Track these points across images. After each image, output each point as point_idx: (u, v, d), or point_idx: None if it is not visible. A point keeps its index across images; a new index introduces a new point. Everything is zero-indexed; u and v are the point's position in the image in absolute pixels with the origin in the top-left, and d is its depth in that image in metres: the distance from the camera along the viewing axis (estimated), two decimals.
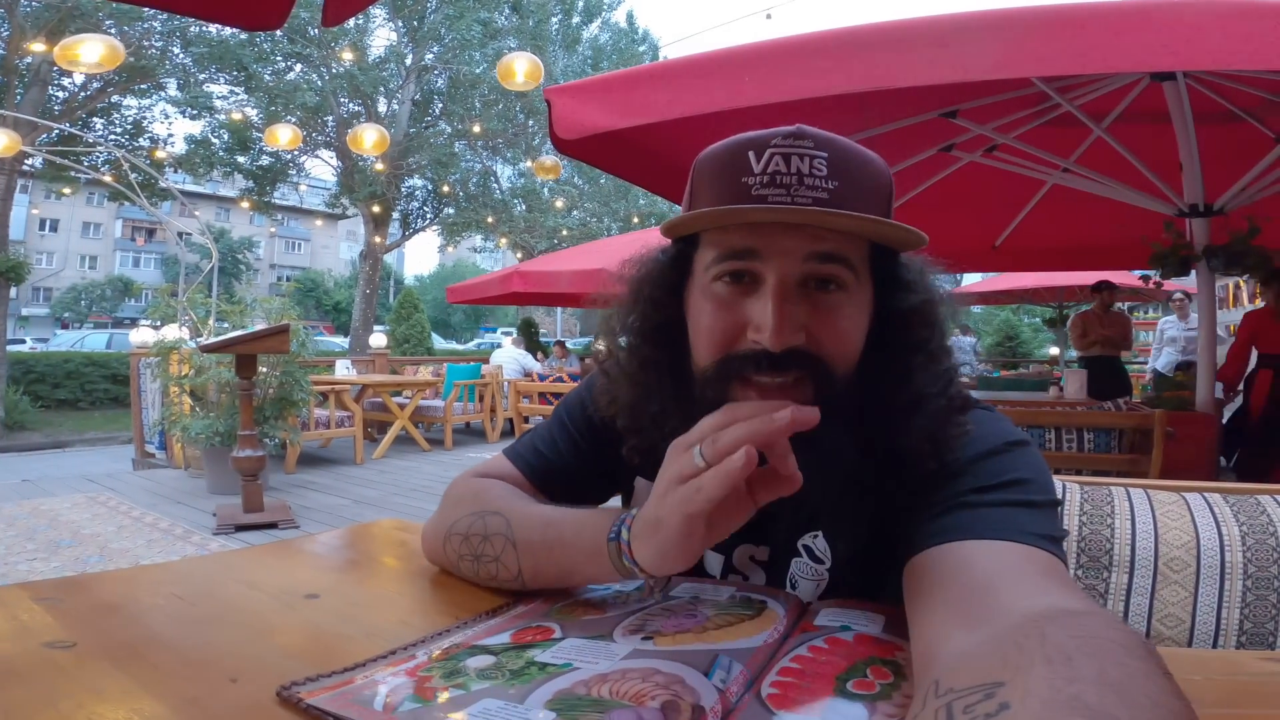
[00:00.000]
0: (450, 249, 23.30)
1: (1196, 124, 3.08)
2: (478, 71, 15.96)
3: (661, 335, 0.71)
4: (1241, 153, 3.21)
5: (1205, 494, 1.08)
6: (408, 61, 16.46)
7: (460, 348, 26.28)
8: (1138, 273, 6.73)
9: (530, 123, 16.91)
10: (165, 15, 12.26)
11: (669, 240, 0.72)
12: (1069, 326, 5.40)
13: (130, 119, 14.55)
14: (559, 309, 22.73)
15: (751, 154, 0.63)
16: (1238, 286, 6.66)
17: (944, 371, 0.67)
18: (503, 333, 26.72)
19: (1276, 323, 4.18)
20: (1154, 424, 2.88)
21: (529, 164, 16.07)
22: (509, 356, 8.64)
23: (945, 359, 0.68)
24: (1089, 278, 6.65)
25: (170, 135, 15.40)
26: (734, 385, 0.64)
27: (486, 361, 9.01)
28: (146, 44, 13.58)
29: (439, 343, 21.80)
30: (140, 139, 14.44)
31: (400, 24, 16.43)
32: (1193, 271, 3.47)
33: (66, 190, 14.54)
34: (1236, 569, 0.99)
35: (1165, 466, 2.83)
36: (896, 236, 0.63)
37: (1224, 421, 4.03)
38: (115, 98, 14.16)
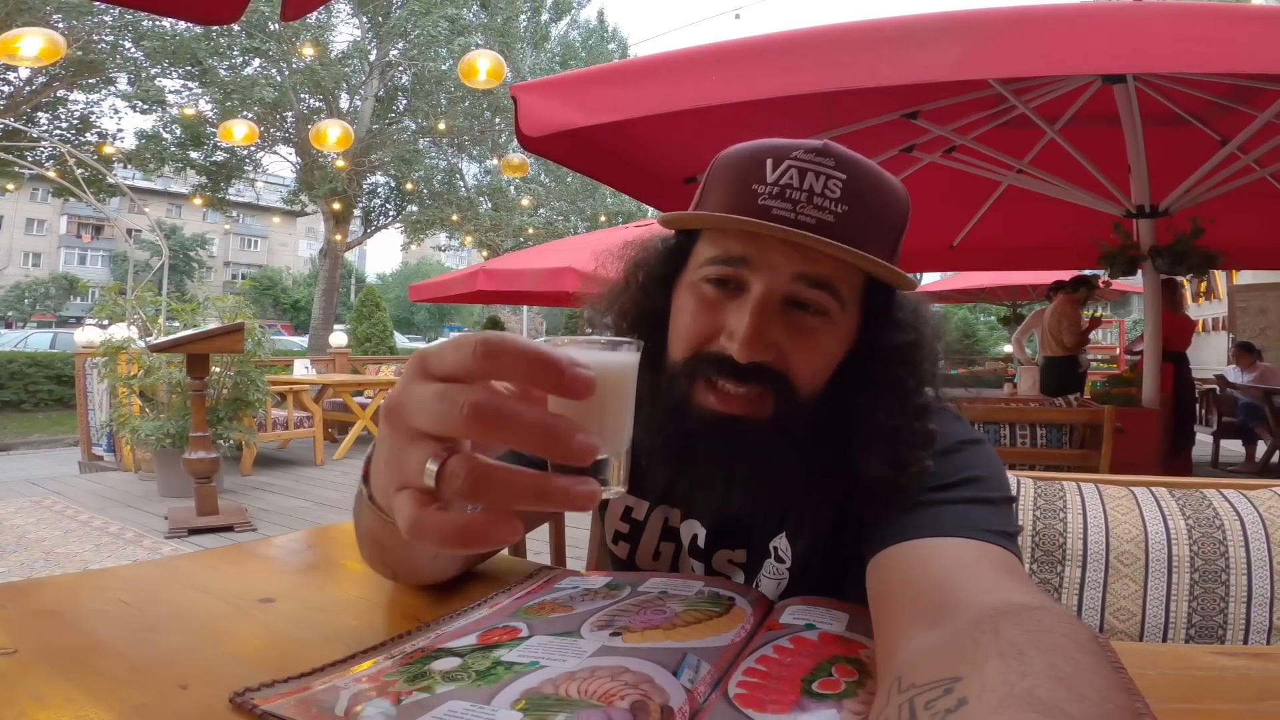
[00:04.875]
0: (414, 247, 22.97)
1: (1144, 126, 3.19)
2: (444, 68, 15.75)
3: (646, 322, 0.71)
4: (1187, 155, 3.33)
5: (1153, 488, 1.11)
6: (371, 57, 16.17)
7: (424, 346, 25.87)
8: (1089, 272, 6.95)
9: (497, 120, 16.76)
10: (117, 9, 11.86)
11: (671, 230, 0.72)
12: (1063, 325, 5.43)
13: (77, 114, 14.07)
14: (525, 307, 22.55)
15: (769, 162, 0.63)
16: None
17: (914, 408, 0.66)
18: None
19: (1171, 322, 4.70)
20: (1104, 420, 2.97)
21: (495, 161, 15.93)
22: None
23: (920, 396, 0.67)
24: (1043, 277, 6.83)
25: (120, 130, 14.95)
26: (698, 385, 0.64)
27: None
28: (96, 38, 13.13)
29: (401, 341, 21.45)
30: (88, 134, 13.97)
31: (364, 19, 16.12)
32: (1139, 270, 3.59)
33: (10, 186, 13.98)
34: (1183, 562, 1.01)
35: (1114, 460, 2.92)
36: (885, 276, 0.63)
37: None
38: (62, 92, 13.68)
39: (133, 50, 13.86)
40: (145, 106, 14.22)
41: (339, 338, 9.12)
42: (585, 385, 0.37)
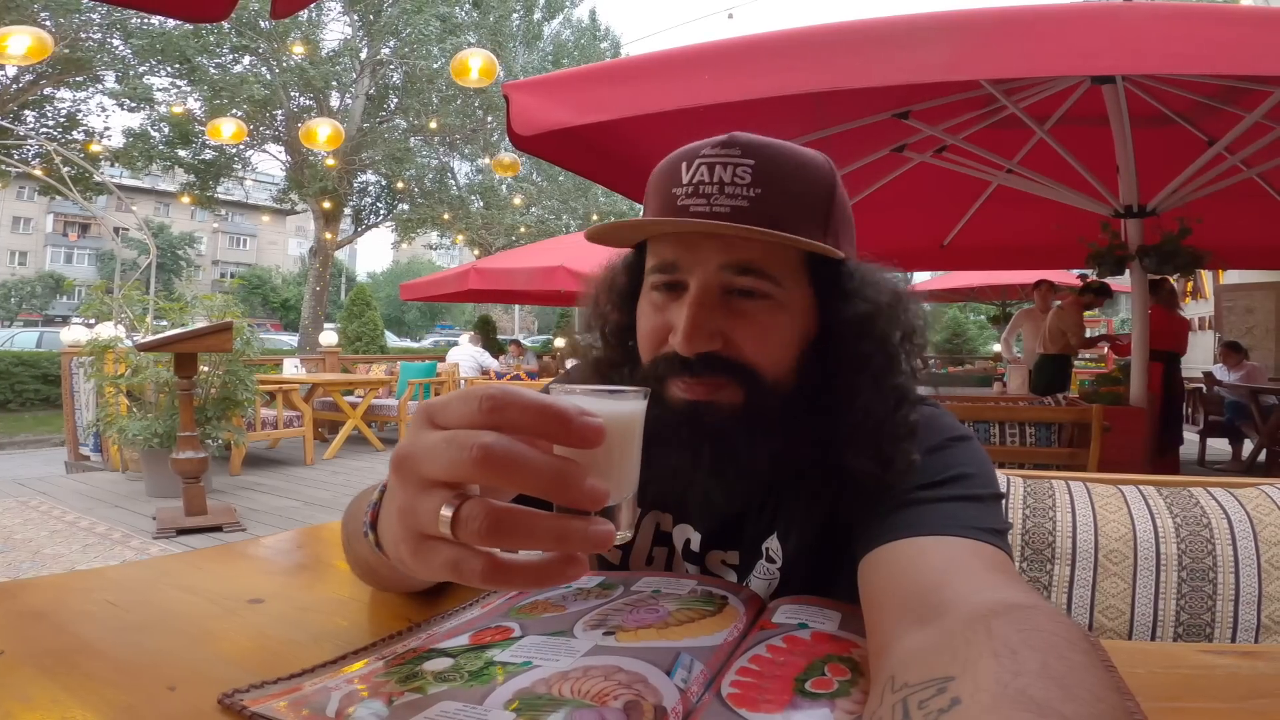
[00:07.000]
0: (405, 245, 22.88)
1: (1133, 127, 3.21)
2: (435, 67, 15.69)
3: (618, 338, 0.75)
4: (1174, 155, 3.36)
5: (1141, 487, 1.11)
6: (362, 55, 16.09)
7: (414, 345, 25.82)
8: (1076, 272, 6.99)
9: (489, 119, 16.71)
10: (105, 6, 11.77)
11: (630, 249, 0.76)
12: (1066, 324, 5.44)
13: (64, 112, 13.96)
14: (516, 306, 22.51)
15: (684, 165, 0.66)
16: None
17: (892, 390, 0.66)
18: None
19: (1166, 323, 4.81)
20: (1092, 418, 2.99)
21: (487, 160, 15.89)
22: (466, 354, 8.52)
23: (894, 375, 0.67)
24: (1032, 276, 6.87)
25: (107, 128, 14.78)
26: (664, 386, 0.66)
27: (442, 360, 8.87)
28: (84, 35, 13.02)
29: (392, 340, 21.37)
30: (74, 132, 13.86)
31: (355, 17, 16.04)
32: (1127, 270, 3.62)
33: None
34: (1171, 561, 1.01)
35: (1102, 459, 2.94)
36: (805, 249, 0.64)
37: None
38: (49, 90, 13.58)
39: (121, 48, 13.76)
40: (133, 104, 14.11)
41: (329, 337, 9.07)
42: (595, 434, 0.37)
